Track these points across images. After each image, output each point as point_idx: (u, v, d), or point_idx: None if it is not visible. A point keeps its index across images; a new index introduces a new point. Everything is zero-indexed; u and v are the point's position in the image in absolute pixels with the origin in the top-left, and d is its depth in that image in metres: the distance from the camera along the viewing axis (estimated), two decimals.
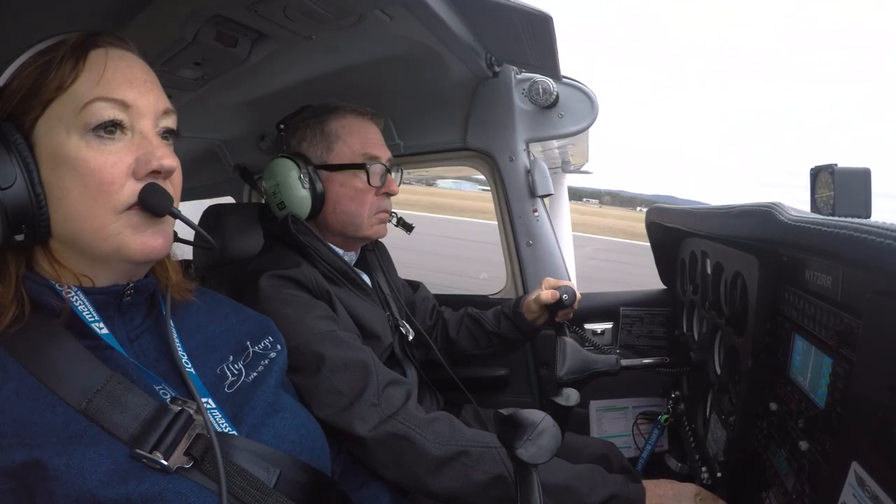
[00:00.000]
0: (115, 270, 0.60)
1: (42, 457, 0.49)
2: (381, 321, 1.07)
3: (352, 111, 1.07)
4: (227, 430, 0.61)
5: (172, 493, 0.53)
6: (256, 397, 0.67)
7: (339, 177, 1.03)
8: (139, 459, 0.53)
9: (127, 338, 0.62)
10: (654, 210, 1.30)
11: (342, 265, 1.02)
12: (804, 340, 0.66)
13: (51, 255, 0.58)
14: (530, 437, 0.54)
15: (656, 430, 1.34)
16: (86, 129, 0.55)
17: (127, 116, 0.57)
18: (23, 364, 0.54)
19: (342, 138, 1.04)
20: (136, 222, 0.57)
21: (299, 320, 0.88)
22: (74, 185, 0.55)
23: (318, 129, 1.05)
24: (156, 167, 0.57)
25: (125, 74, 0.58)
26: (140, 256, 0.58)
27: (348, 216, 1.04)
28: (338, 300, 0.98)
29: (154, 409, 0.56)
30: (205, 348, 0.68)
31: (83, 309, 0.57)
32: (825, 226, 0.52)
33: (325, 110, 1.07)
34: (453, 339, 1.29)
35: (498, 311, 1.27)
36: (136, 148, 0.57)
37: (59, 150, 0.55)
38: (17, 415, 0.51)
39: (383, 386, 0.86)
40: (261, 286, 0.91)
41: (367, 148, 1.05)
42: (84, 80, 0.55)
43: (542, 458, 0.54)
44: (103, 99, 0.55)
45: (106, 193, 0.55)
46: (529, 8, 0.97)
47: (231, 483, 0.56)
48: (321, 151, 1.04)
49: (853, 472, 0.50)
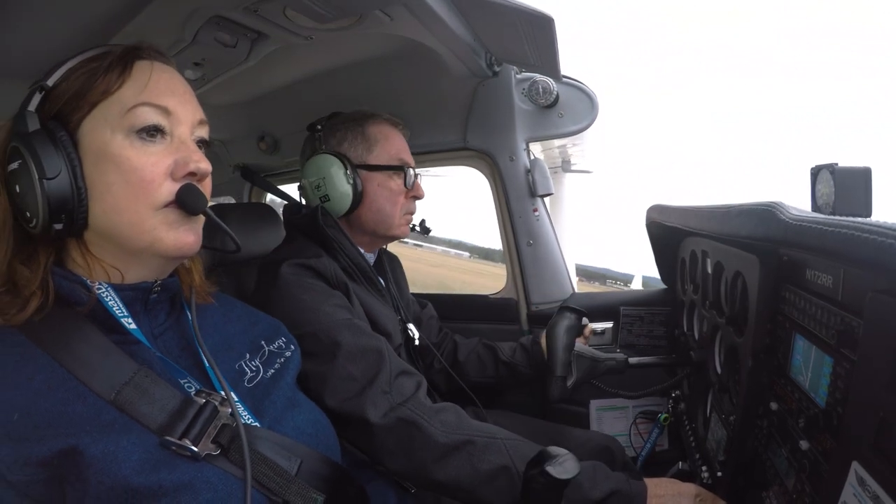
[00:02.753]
0: (147, 265, 0.63)
1: (78, 444, 0.51)
2: (393, 322, 1.10)
3: (387, 119, 1.15)
4: (251, 422, 0.64)
5: (202, 482, 0.55)
6: (276, 392, 0.70)
7: (378, 177, 1.10)
8: (169, 447, 0.55)
9: (151, 334, 0.64)
10: (655, 209, 1.30)
11: (362, 262, 1.06)
12: (805, 340, 0.66)
13: (84, 247, 0.61)
14: (558, 461, 0.66)
15: (656, 429, 1.34)
16: (130, 130, 0.59)
17: (168, 122, 0.61)
18: (52, 355, 0.56)
19: (380, 142, 1.11)
20: (172, 220, 0.61)
21: (317, 307, 0.90)
22: (117, 181, 0.58)
23: (358, 131, 1.12)
24: (193, 169, 0.61)
25: (167, 85, 0.63)
26: (173, 251, 0.62)
27: (382, 215, 1.10)
28: (354, 294, 1.00)
29: (180, 401, 0.58)
30: (223, 346, 0.70)
31: (112, 304, 0.59)
32: (826, 225, 0.52)
33: (364, 115, 1.14)
34: (461, 361, 1.32)
35: (515, 344, 1.32)
36: (174, 151, 0.61)
37: (103, 147, 0.58)
38: (50, 405, 0.53)
39: (395, 375, 0.88)
40: (281, 273, 0.94)
41: (401, 154, 1.13)
42: (130, 87, 0.60)
43: (567, 475, 0.64)
44: (148, 104, 0.60)
45: (146, 190, 0.59)
46: (530, 9, 0.97)
47: (256, 470, 0.59)
48: (362, 152, 1.10)
49: (854, 472, 0.50)
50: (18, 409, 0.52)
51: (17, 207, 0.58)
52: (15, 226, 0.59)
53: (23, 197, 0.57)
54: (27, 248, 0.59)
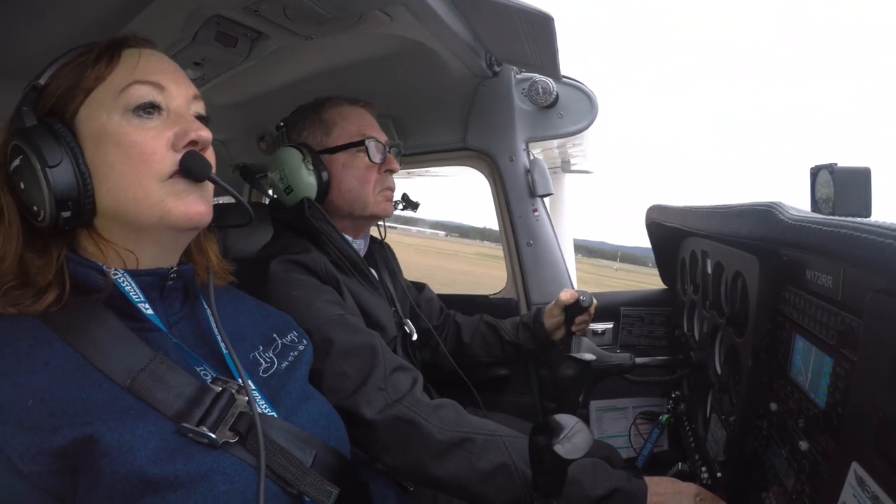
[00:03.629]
0: (160, 243, 0.63)
1: (94, 433, 0.50)
2: (387, 314, 1.09)
3: (346, 100, 1.12)
4: (268, 412, 0.63)
5: (218, 474, 0.54)
6: (291, 384, 0.70)
7: (341, 157, 1.07)
8: (185, 434, 0.54)
9: (167, 322, 0.64)
10: (655, 209, 1.30)
11: (352, 254, 1.05)
12: (805, 340, 0.66)
13: (96, 233, 0.61)
14: (567, 435, 0.59)
15: (656, 429, 1.34)
16: (126, 109, 0.59)
17: (163, 98, 0.61)
18: (66, 341, 0.55)
19: (339, 123, 1.09)
20: (179, 189, 0.60)
21: (309, 303, 0.90)
22: (118, 158, 0.58)
23: (315, 118, 1.10)
24: (193, 137, 0.61)
25: (157, 64, 0.63)
26: (183, 222, 0.61)
27: (354, 194, 1.07)
28: (345, 288, 0.99)
29: (197, 388, 0.58)
30: (236, 336, 0.70)
31: (129, 289, 0.59)
32: (826, 225, 0.52)
33: (320, 101, 1.12)
34: (466, 343, 1.31)
35: (517, 321, 1.31)
36: (172, 124, 0.61)
37: (101, 129, 0.58)
38: (65, 391, 0.52)
39: (390, 371, 0.87)
40: (271, 270, 0.93)
41: (363, 129, 1.09)
42: (121, 70, 0.60)
43: (577, 454, 0.59)
44: (140, 82, 0.60)
45: (148, 163, 0.59)
46: (530, 8, 0.97)
47: (272, 460, 0.58)
48: (320, 137, 1.09)
49: (853, 473, 0.50)
50: (33, 394, 0.51)
51: (24, 204, 0.58)
52: (23, 224, 0.58)
53: (28, 192, 0.57)
54: (38, 244, 0.58)
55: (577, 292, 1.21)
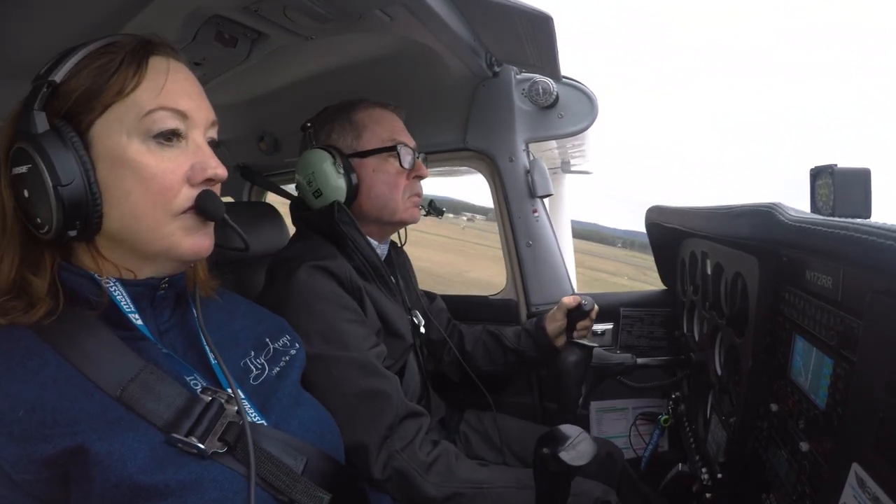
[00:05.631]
0: (160, 267, 0.63)
1: (85, 442, 0.50)
2: (405, 322, 1.09)
3: (376, 103, 1.11)
4: (257, 420, 0.63)
5: (208, 481, 0.54)
6: (281, 390, 0.70)
7: (372, 162, 1.06)
8: (175, 444, 0.54)
9: (157, 331, 0.64)
10: (654, 210, 1.30)
11: (376, 260, 1.04)
12: (805, 341, 0.66)
13: (95, 249, 0.60)
14: (571, 443, 0.64)
15: (657, 430, 1.34)
16: (147, 135, 0.58)
17: (184, 126, 0.61)
18: (57, 350, 0.55)
19: (369, 127, 1.07)
20: (190, 225, 0.61)
21: (331, 324, 0.90)
22: (135, 188, 0.57)
23: (345, 120, 1.08)
24: (210, 175, 0.61)
25: (183, 86, 0.62)
26: (189, 256, 0.62)
27: (383, 200, 1.06)
28: (367, 296, 0.99)
29: (187, 399, 0.58)
30: (228, 342, 0.70)
31: (121, 299, 0.58)
32: (825, 226, 0.52)
33: (351, 104, 1.10)
34: (468, 352, 1.32)
35: (519, 329, 1.32)
36: (191, 156, 0.61)
37: (119, 152, 0.57)
38: (55, 401, 0.52)
39: (401, 418, 0.89)
40: (297, 277, 0.92)
41: (394, 134, 1.08)
42: (145, 88, 0.58)
43: (582, 461, 0.62)
44: (166, 109, 0.59)
45: (164, 197, 0.58)
46: (530, 8, 0.97)
47: (262, 468, 0.58)
48: (351, 140, 1.07)
49: (853, 473, 0.50)
50: (24, 404, 0.50)
51: (26, 212, 0.56)
52: (20, 229, 0.57)
53: (33, 203, 0.55)
54: (33, 253, 0.57)
55: (580, 296, 1.22)
